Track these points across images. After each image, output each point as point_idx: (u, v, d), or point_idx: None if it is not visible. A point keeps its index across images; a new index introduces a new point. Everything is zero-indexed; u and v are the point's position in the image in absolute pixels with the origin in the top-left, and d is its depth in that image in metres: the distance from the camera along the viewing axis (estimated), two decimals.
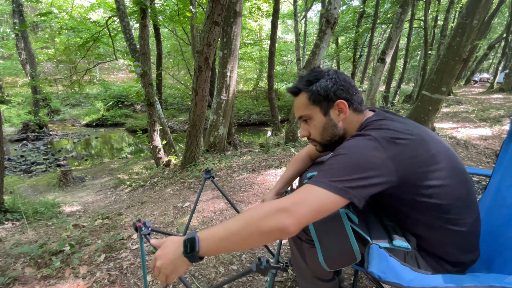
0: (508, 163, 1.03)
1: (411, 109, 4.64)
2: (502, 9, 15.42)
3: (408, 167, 0.70)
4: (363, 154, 0.68)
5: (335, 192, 0.64)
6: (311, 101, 0.84)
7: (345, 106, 0.83)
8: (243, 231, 0.63)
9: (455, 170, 0.77)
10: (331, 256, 0.77)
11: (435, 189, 0.73)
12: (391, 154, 0.68)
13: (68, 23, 8.93)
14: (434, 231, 0.79)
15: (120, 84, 17.00)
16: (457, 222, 0.77)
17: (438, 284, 0.64)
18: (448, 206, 0.75)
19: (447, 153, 0.77)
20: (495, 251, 0.91)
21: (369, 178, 0.66)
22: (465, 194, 0.78)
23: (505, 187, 1.00)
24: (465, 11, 3.72)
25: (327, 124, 0.85)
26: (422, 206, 0.75)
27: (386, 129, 0.73)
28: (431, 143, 0.74)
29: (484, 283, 0.60)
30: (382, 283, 0.69)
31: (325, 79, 0.83)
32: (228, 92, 5.04)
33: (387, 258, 0.74)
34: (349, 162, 0.68)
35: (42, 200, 3.70)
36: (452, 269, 0.83)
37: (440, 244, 0.80)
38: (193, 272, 1.49)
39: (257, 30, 16.35)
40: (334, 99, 0.83)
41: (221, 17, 3.08)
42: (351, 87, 0.84)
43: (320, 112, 0.85)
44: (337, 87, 0.82)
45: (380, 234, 0.80)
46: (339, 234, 0.76)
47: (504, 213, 0.95)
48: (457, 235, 0.78)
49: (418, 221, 0.79)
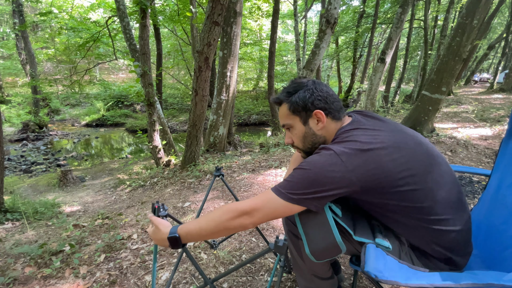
0: (507, 162, 1.03)
1: (411, 109, 4.64)
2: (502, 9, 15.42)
3: (372, 176, 0.73)
4: (322, 170, 0.74)
5: (290, 202, 0.76)
6: (291, 111, 0.90)
7: (322, 116, 0.87)
8: (214, 229, 0.81)
9: (434, 174, 0.79)
10: (317, 248, 0.79)
11: (407, 194, 0.76)
12: (351, 168, 0.73)
13: (68, 23, 8.93)
14: (417, 231, 0.81)
15: (120, 84, 17.00)
16: (441, 222, 0.79)
17: (436, 282, 0.64)
18: (427, 208, 0.77)
19: (424, 157, 0.79)
20: (495, 249, 0.91)
21: (325, 191, 0.74)
22: (446, 196, 0.79)
23: (504, 186, 1.00)
24: (465, 11, 3.72)
25: (307, 133, 0.90)
26: (397, 208, 0.78)
27: (352, 141, 0.77)
28: (404, 150, 0.77)
29: (483, 281, 0.59)
30: (379, 282, 0.69)
31: (303, 90, 0.88)
32: (228, 92, 5.04)
33: (384, 256, 0.74)
34: (307, 177, 0.75)
35: (42, 200, 3.70)
36: (445, 267, 0.84)
37: (427, 243, 0.82)
38: (193, 272, 1.49)
39: (257, 30, 16.35)
40: (312, 109, 0.87)
41: (221, 17, 3.08)
42: (329, 96, 0.88)
43: (300, 121, 0.90)
44: (314, 98, 0.87)
45: (364, 231, 0.83)
46: (323, 226, 0.79)
47: (504, 212, 0.95)
48: (442, 235, 0.80)
49: (398, 222, 0.82)
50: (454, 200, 0.82)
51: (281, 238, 0.86)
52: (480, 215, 1.09)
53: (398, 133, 0.81)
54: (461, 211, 0.83)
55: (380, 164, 0.74)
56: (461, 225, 0.82)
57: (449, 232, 0.80)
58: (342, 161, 0.73)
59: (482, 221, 1.05)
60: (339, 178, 0.73)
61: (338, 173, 0.73)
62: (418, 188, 0.76)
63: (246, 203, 0.80)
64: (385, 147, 0.75)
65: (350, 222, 0.84)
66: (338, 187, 0.74)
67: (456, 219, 0.81)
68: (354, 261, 0.93)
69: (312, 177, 0.75)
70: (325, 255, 0.80)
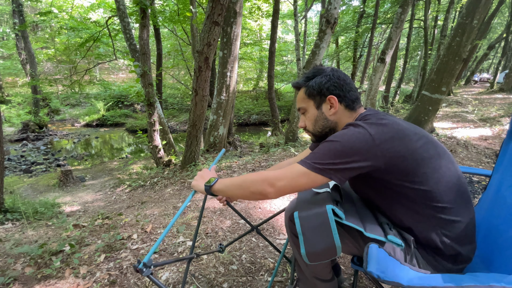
0: (508, 163, 1.03)
1: (411, 109, 4.63)
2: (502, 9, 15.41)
3: (397, 153, 0.76)
4: (349, 141, 0.76)
5: (315, 171, 0.77)
6: (307, 95, 0.94)
7: (335, 102, 0.90)
8: (240, 186, 0.87)
9: (445, 160, 0.82)
10: (314, 250, 0.79)
11: (424, 176, 0.77)
12: (378, 142, 0.75)
13: (68, 23, 8.93)
14: (427, 221, 0.81)
15: (120, 84, 16.99)
16: (450, 211, 0.80)
17: (438, 284, 0.64)
18: (438, 194, 0.78)
19: (435, 144, 0.83)
20: (495, 250, 0.91)
21: (350, 163, 0.75)
22: (456, 184, 0.81)
23: (505, 186, 0.99)
24: (465, 11, 3.72)
25: (318, 116, 0.94)
26: (412, 193, 0.79)
27: (378, 119, 0.81)
28: (420, 134, 0.81)
29: (484, 283, 0.60)
30: (381, 282, 0.69)
31: (321, 76, 0.92)
32: (228, 92, 5.04)
33: (386, 257, 0.74)
34: (334, 148, 0.77)
35: (42, 200, 3.70)
36: (452, 267, 0.84)
37: (437, 234, 0.82)
38: (193, 272, 1.49)
39: (257, 30, 16.35)
40: (326, 94, 0.91)
41: (221, 17, 3.08)
42: (346, 84, 0.91)
43: (314, 105, 0.94)
44: (330, 84, 0.90)
45: (375, 228, 0.83)
46: (323, 230, 0.79)
47: (504, 213, 0.95)
48: (450, 225, 0.80)
49: (411, 211, 0.82)
50: (463, 190, 0.83)
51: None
52: (480, 215, 1.09)
53: (412, 124, 0.86)
54: (468, 203, 0.84)
55: (405, 142, 0.76)
56: (468, 217, 0.83)
57: (457, 223, 0.80)
58: (370, 134, 0.76)
59: (482, 221, 1.05)
60: (366, 151, 0.75)
61: (366, 145, 0.75)
62: (435, 172, 0.78)
63: (272, 172, 0.82)
64: (408, 129, 0.80)
65: (357, 221, 0.84)
66: (363, 159, 0.75)
67: (464, 210, 0.82)
68: (355, 262, 0.93)
69: (339, 149, 0.76)
70: (320, 258, 0.80)
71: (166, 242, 1.82)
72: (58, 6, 11.50)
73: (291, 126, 4.91)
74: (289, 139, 4.91)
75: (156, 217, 2.33)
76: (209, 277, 1.44)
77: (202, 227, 2.02)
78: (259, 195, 0.83)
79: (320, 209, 0.80)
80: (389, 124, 0.79)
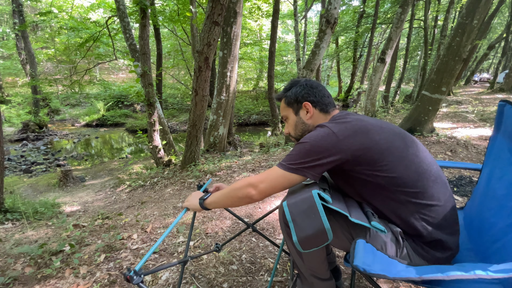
0: (495, 156, 1.05)
1: (411, 109, 4.64)
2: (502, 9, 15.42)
3: (361, 145, 0.84)
4: (316, 140, 0.87)
5: (290, 171, 0.87)
6: (286, 104, 1.08)
7: (310, 107, 1.02)
8: (228, 195, 0.98)
9: (413, 148, 0.90)
10: (305, 236, 0.81)
11: (392, 164, 0.85)
12: (342, 137, 0.85)
13: (68, 23, 8.93)
14: (403, 206, 0.87)
15: (120, 84, 17.00)
16: (423, 195, 0.85)
17: (424, 274, 0.65)
18: (409, 180, 0.85)
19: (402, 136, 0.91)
20: (487, 242, 0.92)
21: (319, 159, 0.85)
22: (427, 170, 0.88)
23: (494, 179, 1.01)
24: (465, 11, 3.72)
25: (297, 121, 1.06)
26: (383, 180, 0.86)
27: (343, 119, 0.92)
28: (386, 129, 0.90)
29: (469, 272, 0.60)
30: (368, 275, 0.70)
31: (296, 86, 1.05)
32: (228, 92, 5.04)
33: (373, 251, 0.76)
34: (304, 148, 0.87)
35: (42, 200, 3.70)
36: (441, 256, 0.87)
37: (414, 219, 0.86)
38: (193, 272, 1.50)
39: (257, 30, 16.35)
40: (301, 101, 1.03)
41: (221, 17, 3.08)
42: (318, 91, 1.03)
43: (293, 112, 1.07)
44: (305, 92, 1.03)
45: (359, 215, 0.88)
46: (311, 213, 0.81)
47: (494, 205, 0.96)
48: (426, 208, 0.85)
49: (386, 198, 0.89)
50: (436, 175, 0.89)
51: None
52: (473, 209, 1.10)
53: (379, 121, 0.96)
54: (443, 188, 0.89)
55: (368, 135, 0.86)
56: (444, 200, 0.88)
57: (434, 206, 0.86)
58: (333, 132, 0.86)
59: (475, 215, 1.07)
60: (331, 146, 0.85)
61: (330, 142, 0.85)
62: (403, 159, 0.86)
63: (253, 177, 0.93)
64: (372, 124, 0.89)
65: (343, 206, 0.89)
66: (330, 154, 0.85)
67: (439, 195, 0.87)
68: (348, 259, 0.93)
69: (308, 148, 0.86)
70: (312, 243, 0.82)
71: (166, 242, 1.82)
72: (58, 6, 11.50)
73: None
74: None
75: (156, 217, 2.33)
76: (209, 277, 1.44)
77: (202, 227, 2.02)
78: (246, 198, 0.92)
79: (306, 194, 0.84)
80: (352, 121, 0.89)
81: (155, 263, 1.61)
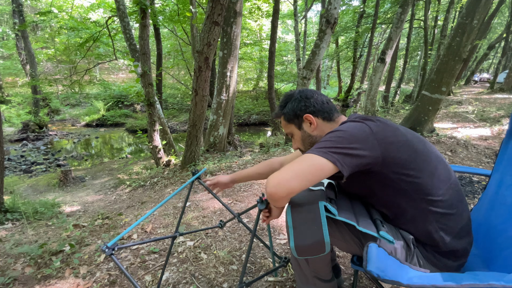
0: (507, 162, 1.04)
1: (411, 109, 4.64)
2: (502, 9, 15.40)
3: (390, 145, 0.80)
4: (350, 130, 0.80)
5: (320, 155, 0.76)
6: (287, 121, 1.02)
7: (312, 118, 0.97)
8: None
9: (435, 154, 0.86)
10: (302, 245, 0.80)
11: (418, 169, 0.81)
12: (375, 132, 0.80)
13: (68, 23, 8.93)
14: (422, 214, 0.84)
15: (120, 84, 16.99)
16: (444, 204, 0.82)
17: (437, 282, 0.64)
18: (432, 187, 0.81)
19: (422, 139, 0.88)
20: (495, 250, 0.91)
21: (354, 149, 0.77)
22: (448, 178, 0.85)
23: (504, 186, 1.00)
24: (465, 11, 3.72)
25: (303, 135, 1.01)
26: (408, 186, 0.82)
27: (361, 117, 0.87)
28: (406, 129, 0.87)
29: (483, 281, 0.60)
30: (381, 281, 0.69)
31: (291, 102, 1.00)
32: (228, 92, 5.04)
33: (386, 256, 0.75)
34: (336, 136, 0.80)
35: (42, 200, 3.69)
36: (452, 264, 0.85)
37: (432, 229, 0.83)
38: (193, 272, 1.49)
39: (257, 30, 16.34)
40: (301, 115, 0.98)
41: (221, 17, 3.08)
42: (315, 100, 0.97)
43: (296, 127, 1.01)
44: (301, 105, 0.98)
45: (368, 223, 0.84)
46: (313, 225, 0.80)
47: (503, 212, 0.95)
48: (445, 218, 0.83)
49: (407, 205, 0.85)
50: (455, 183, 0.86)
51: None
52: (480, 215, 1.09)
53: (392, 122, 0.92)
54: (460, 196, 0.87)
55: (396, 134, 0.82)
56: (462, 210, 0.85)
57: (452, 215, 0.83)
58: (368, 126, 0.81)
59: (482, 221, 1.05)
60: (366, 140, 0.78)
61: (364, 134, 0.79)
62: (427, 165, 0.82)
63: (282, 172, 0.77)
64: (395, 124, 0.85)
65: (351, 216, 0.86)
66: (364, 147, 0.77)
67: (458, 204, 0.85)
68: (355, 261, 0.93)
69: (341, 136, 0.79)
70: (308, 252, 0.81)
71: (166, 242, 1.82)
72: (58, 6, 11.49)
73: None
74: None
75: (156, 217, 2.33)
76: (209, 277, 1.44)
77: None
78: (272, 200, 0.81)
79: (313, 205, 0.82)
80: (380, 120, 0.85)
81: (155, 263, 1.61)
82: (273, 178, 0.77)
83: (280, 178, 0.75)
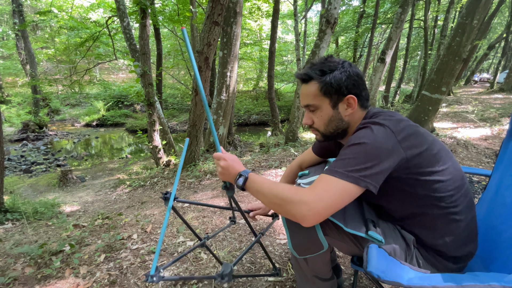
0: (507, 162, 1.04)
1: (411, 109, 4.64)
2: (502, 9, 15.40)
3: (415, 149, 0.74)
4: (377, 141, 0.72)
5: (352, 182, 0.69)
6: (322, 92, 0.83)
7: (355, 102, 0.83)
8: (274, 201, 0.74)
9: (452, 159, 0.81)
10: (299, 244, 0.80)
11: (436, 175, 0.76)
12: (400, 138, 0.73)
13: (68, 23, 8.93)
14: (432, 221, 0.81)
15: (120, 84, 16.99)
16: (455, 211, 0.79)
17: (438, 283, 0.64)
18: (446, 193, 0.78)
19: (439, 142, 0.82)
20: (495, 250, 0.91)
21: (382, 163, 0.70)
22: (461, 183, 0.81)
23: (504, 186, 1.00)
24: (465, 11, 3.72)
25: (334, 116, 0.85)
26: (424, 190, 0.77)
27: (391, 116, 0.79)
28: (426, 132, 0.80)
29: (484, 282, 0.60)
30: (381, 282, 0.69)
31: (339, 71, 0.81)
32: (228, 92, 5.04)
33: (386, 257, 0.74)
34: (363, 150, 0.71)
35: (42, 200, 3.70)
36: (452, 266, 0.84)
37: (440, 234, 0.81)
38: (193, 272, 1.49)
39: (257, 30, 16.33)
40: (345, 93, 0.82)
41: (221, 17, 3.08)
42: (362, 82, 0.84)
43: (329, 104, 0.84)
44: (350, 82, 0.81)
45: (357, 224, 0.81)
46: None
47: (503, 212, 0.95)
48: (455, 224, 0.80)
49: (418, 209, 0.81)
50: (467, 189, 0.83)
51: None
52: (479, 215, 1.09)
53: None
54: (470, 201, 0.83)
55: (417, 137, 0.75)
56: (470, 216, 0.83)
57: (461, 222, 0.80)
58: (392, 131, 0.73)
59: (481, 221, 1.05)
60: (392, 149, 0.71)
61: (391, 142, 0.72)
62: (446, 168, 0.77)
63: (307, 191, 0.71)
64: (414, 125, 0.78)
65: (340, 216, 0.80)
66: (391, 157, 0.71)
67: (467, 210, 0.82)
68: (355, 261, 0.93)
69: (368, 150, 0.71)
70: (307, 251, 0.81)
71: (166, 242, 1.82)
72: (58, 6, 11.49)
73: (291, 126, 4.91)
74: (289, 139, 4.91)
75: (156, 217, 2.33)
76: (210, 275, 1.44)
77: (202, 227, 2.02)
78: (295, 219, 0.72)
79: None
80: (403, 120, 0.77)
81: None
82: (301, 205, 0.68)
83: (311, 207, 0.68)
